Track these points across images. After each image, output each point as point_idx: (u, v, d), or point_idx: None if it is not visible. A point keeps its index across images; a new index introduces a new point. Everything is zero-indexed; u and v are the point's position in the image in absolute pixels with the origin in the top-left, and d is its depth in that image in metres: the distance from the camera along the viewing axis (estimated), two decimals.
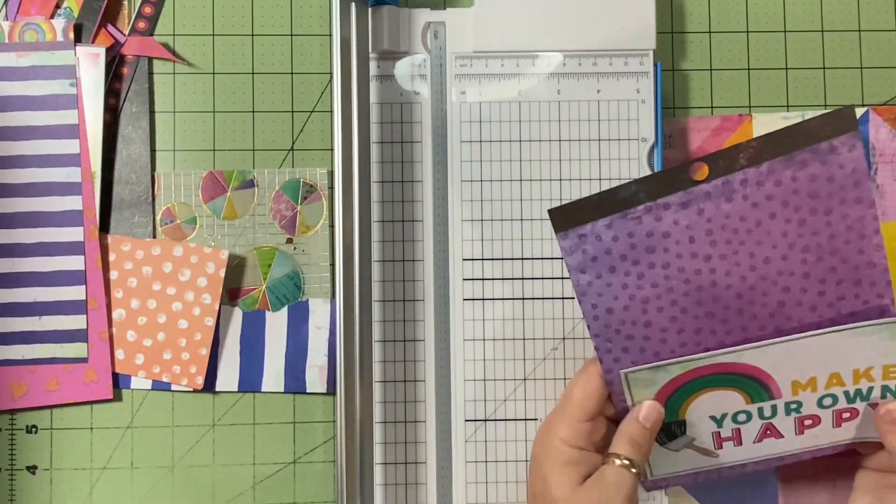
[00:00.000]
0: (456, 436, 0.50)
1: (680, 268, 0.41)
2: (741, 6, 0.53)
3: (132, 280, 0.50)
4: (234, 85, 0.51)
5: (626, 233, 0.41)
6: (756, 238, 0.41)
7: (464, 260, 0.51)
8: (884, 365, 0.42)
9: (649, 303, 0.42)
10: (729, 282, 0.41)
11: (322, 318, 0.51)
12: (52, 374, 0.49)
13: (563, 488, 0.41)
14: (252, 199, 0.51)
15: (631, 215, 0.40)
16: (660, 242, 0.41)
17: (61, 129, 0.49)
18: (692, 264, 0.41)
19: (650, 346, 0.42)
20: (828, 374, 0.42)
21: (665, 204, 0.40)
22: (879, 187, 0.52)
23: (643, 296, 0.42)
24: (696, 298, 0.41)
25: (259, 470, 0.51)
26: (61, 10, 0.50)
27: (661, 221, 0.40)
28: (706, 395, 0.43)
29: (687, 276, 0.41)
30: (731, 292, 0.41)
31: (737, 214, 0.40)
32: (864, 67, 0.53)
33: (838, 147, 0.39)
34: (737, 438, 0.44)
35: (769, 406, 0.43)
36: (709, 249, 0.41)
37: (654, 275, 0.41)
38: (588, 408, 0.43)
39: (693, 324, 0.42)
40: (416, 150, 0.51)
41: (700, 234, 0.41)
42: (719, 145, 0.52)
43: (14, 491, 0.50)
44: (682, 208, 0.40)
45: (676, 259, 0.41)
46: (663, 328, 0.42)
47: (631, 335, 0.42)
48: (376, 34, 0.50)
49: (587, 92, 0.51)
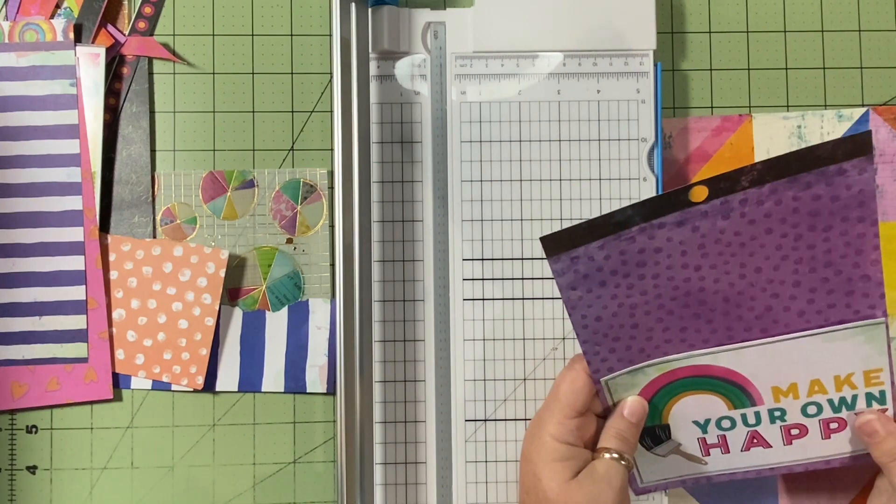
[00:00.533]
0: (456, 436, 0.50)
1: (669, 277, 0.41)
2: (741, 6, 0.53)
3: (132, 280, 0.50)
4: (234, 85, 0.51)
5: (619, 251, 0.41)
6: (749, 250, 0.40)
7: (464, 260, 0.51)
8: (864, 370, 0.42)
9: (637, 308, 0.42)
10: (717, 288, 0.41)
11: (322, 318, 0.51)
12: (52, 374, 0.49)
13: (554, 483, 0.42)
14: (252, 199, 0.51)
15: (624, 236, 0.40)
16: (651, 257, 0.41)
17: (61, 129, 0.49)
18: (682, 273, 0.41)
19: (636, 344, 0.43)
20: (808, 381, 0.42)
21: (660, 224, 0.40)
22: (879, 187, 0.52)
23: (631, 302, 0.42)
24: (684, 302, 0.41)
25: (259, 470, 0.51)
26: (61, 10, 0.50)
27: (654, 239, 0.40)
28: (687, 398, 0.43)
29: (676, 283, 0.41)
30: (718, 296, 0.41)
31: (732, 230, 0.40)
32: (864, 67, 0.53)
33: (848, 170, 0.38)
34: (724, 445, 0.44)
35: (752, 413, 0.43)
36: (699, 260, 0.41)
37: (643, 284, 0.41)
38: (576, 404, 0.43)
39: (678, 323, 0.42)
40: (416, 150, 0.51)
41: (692, 247, 0.40)
42: (719, 145, 0.52)
43: (14, 491, 0.50)
44: (676, 226, 0.40)
45: (667, 270, 0.41)
46: (649, 328, 0.42)
47: (618, 337, 0.43)
48: (376, 34, 0.50)
49: (587, 92, 0.51)
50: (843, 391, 0.42)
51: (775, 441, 0.44)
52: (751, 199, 0.39)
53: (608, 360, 0.43)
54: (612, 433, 0.43)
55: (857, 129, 0.52)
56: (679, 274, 0.41)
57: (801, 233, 0.40)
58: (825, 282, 0.41)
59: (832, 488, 0.51)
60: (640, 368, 0.42)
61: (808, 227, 0.40)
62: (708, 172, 0.52)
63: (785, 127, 0.52)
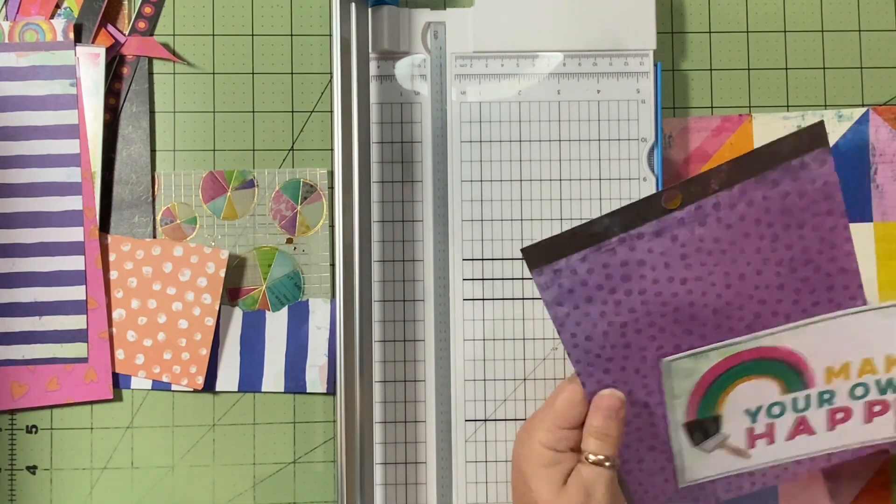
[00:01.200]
0: (456, 436, 0.50)
1: (657, 293, 0.41)
2: (741, 6, 0.53)
3: (132, 280, 0.50)
4: (234, 85, 0.51)
5: (601, 264, 0.41)
6: (731, 257, 0.41)
7: (464, 260, 0.51)
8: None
9: (627, 326, 0.42)
10: (705, 301, 0.42)
11: (322, 318, 0.51)
12: (52, 374, 0.49)
13: (546, 491, 0.42)
14: (252, 199, 0.51)
15: (605, 248, 0.41)
16: (635, 270, 0.41)
17: (61, 129, 0.49)
18: (669, 288, 0.41)
19: (630, 364, 0.43)
20: (861, 360, 0.43)
21: (639, 234, 0.40)
22: (879, 187, 0.52)
23: (621, 321, 0.42)
24: (674, 318, 0.42)
25: (259, 470, 0.51)
26: (61, 10, 0.50)
27: (636, 251, 0.41)
28: (744, 384, 0.43)
29: (664, 299, 0.42)
30: (707, 310, 0.42)
31: (711, 237, 0.41)
32: (864, 67, 0.53)
33: (809, 163, 0.40)
34: (770, 435, 0.44)
35: (803, 396, 0.43)
36: (684, 273, 0.41)
37: (631, 301, 0.42)
38: (570, 417, 0.43)
39: (672, 341, 0.42)
40: (416, 150, 0.51)
41: (675, 259, 0.41)
42: (719, 145, 0.52)
43: (14, 491, 0.50)
44: (655, 237, 0.41)
45: (653, 285, 0.41)
46: (642, 347, 0.42)
47: (611, 357, 0.43)
48: (376, 34, 0.50)
49: (587, 92, 0.51)
50: (892, 372, 0.43)
51: (820, 427, 0.44)
52: (723, 202, 0.40)
53: (603, 381, 0.43)
54: (591, 433, 0.42)
55: (858, 129, 0.52)
56: (666, 288, 0.41)
57: (777, 233, 0.40)
58: (806, 281, 0.41)
59: (832, 489, 0.51)
60: (704, 352, 0.42)
61: (783, 227, 0.40)
62: None
63: (785, 127, 0.52)
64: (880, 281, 0.52)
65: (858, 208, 0.52)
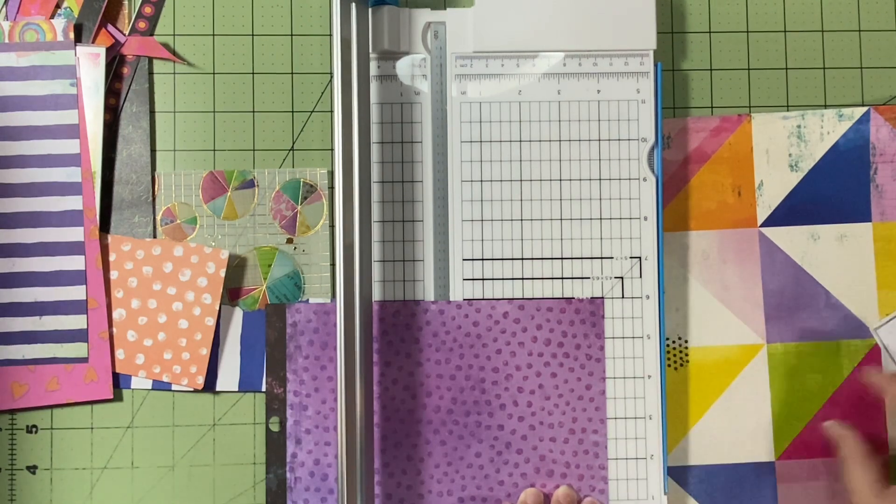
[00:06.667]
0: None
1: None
2: (741, 6, 0.53)
3: (132, 280, 0.50)
4: (234, 85, 0.51)
5: None
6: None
7: (464, 260, 0.51)
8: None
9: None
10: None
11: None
12: (52, 373, 0.49)
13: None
14: (252, 199, 0.51)
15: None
16: None
17: (61, 129, 0.49)
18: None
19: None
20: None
21: None
22: (879, 187, 0.52)
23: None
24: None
25: (259, 470, 0.51)
26: (61, 10, 0.50)
27: None
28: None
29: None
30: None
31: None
32: (864, 67, 0.53)
33: None
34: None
35: None
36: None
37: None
38: None
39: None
40: (416, 150, 0.51)
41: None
42: (718, 145, 0.52)
43: (14, 491, 0.50)
44: None
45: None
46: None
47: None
48: (376, 34, 0.50)
49: (587, 92, 0.51)
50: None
51: None
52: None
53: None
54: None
55: (858, 129, 0.52)
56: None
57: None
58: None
59: (832, 489, 0.51)
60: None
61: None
62: (707, 172, 0.52)
63: (784, 127, 0.52)
64: (879, 281, 0.52)
65: (858, 208, 0.52)
